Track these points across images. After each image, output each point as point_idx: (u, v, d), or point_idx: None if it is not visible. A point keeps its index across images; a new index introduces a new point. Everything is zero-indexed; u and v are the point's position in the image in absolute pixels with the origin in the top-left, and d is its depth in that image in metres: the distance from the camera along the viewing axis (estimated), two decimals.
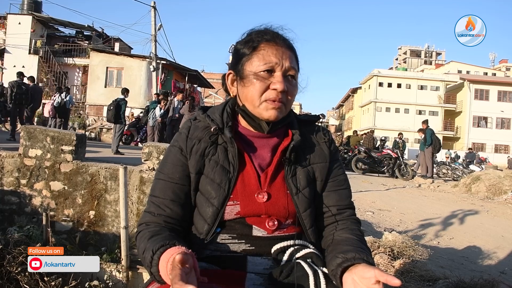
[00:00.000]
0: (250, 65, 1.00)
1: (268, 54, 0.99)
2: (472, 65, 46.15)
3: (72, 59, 21.71)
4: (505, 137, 33.21)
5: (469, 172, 13.21)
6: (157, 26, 17.94)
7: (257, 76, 0.99)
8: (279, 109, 1.00)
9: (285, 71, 1.00)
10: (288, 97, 1.01)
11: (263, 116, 1.01)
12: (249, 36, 1.04)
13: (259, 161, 1.04)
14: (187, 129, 1.07)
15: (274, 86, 0.98)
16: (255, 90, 0.99)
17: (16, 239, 3.05)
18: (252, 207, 0.99)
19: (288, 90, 1.00)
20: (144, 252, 0.92)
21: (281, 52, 1.00)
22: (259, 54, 1.00)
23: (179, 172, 1.03)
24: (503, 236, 4.59)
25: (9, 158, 4.30)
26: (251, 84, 1.00)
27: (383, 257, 2.78)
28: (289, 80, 1.01)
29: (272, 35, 1.02)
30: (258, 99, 0.99)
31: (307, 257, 0.98)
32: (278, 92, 0.98)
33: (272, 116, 1.00)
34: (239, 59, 1.03)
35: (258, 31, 1.04)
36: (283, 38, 1.04)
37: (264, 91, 0.99)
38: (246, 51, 1.02)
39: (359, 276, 0.83)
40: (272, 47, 1.00)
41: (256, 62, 1.00)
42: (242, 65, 1.02)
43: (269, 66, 0.98)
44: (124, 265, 3.16)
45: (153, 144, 4.15)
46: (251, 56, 1.01)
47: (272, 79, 0.99)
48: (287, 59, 1.00)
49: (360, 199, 6.02)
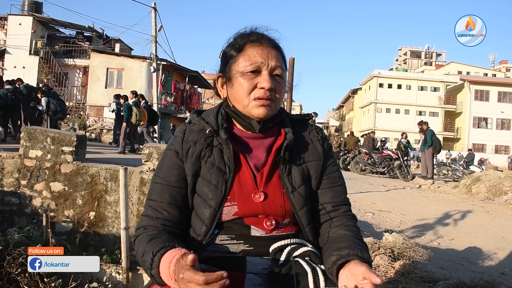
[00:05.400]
0: (237, 66, 1.03)
1: (253, 54, 1.02)
2: (472, 66, 46.15)
3: (73, 60, 21.72)
4: (505, 138, 33.18)
5: (470, 173, 13.20)
6: (157, 27, 17.92)
7: (244, 76, 1.01)
8: (268, 107, 1.02)
9: (271, 70, 1.02)
10: (276, 95, 1.03)
11: (253, 114, 1.02)
12: (235, 39, 1.07)
13: (255, 162, 1.04)
14: (182, 132, 1.08)
15: (261, 84, 1.00)
16: (243, 90, 1.01)
17: (16, 240, 3.04)
18: (250, 207, 0.99)
19: (276, 88, 1.02)
20: (143, 255, 0.93)
21: (266, 52, 1.02)
22: (245, 55, 1.02)
23: (175, 175, 1.04)
24: (504, 237, 4.59)
25: (9, 159, 4.30)
26: (239, 84, 1.02)
27: (384, 258, 2.77)
28: (276, 79, 1.03)
29: (257, 36, 1.05)
30: (246, 98, 1.01)
31: (305, 255, 0.99)
32: (265, 90, 1.00)
33: (262, 113, 1.02)
34: (227, 61, 1.06)
35: (243, 34, 1.07)
36: (268, 38, 1.06)
37: (252, 90, 1.01)
38: (233, 53, 1.04)
39: (350, 273, 0.86)
40: (258, 48, 1.03)
41: (242, 62, 1.02)
42: (229, 67, 1.04)
43: (255, 66, 1.01)
44: (124, 267, 3.15)
45: (153, 145, 4.15)
46: (238, 57, 1.03)
47: (259, 78, 1.01)
48: (272, 58, 1.02)
49: (361, 200, 6.01)
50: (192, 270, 0.76)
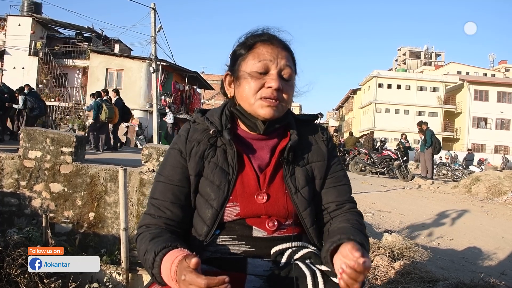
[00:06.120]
0: (245, 64, 1.02)
1: (263, 52, 1.01)
2: (472, 66, 46.22)
3: (72, 61, 21.67)
4: (504, 138, 33.19)
5: (469, 173, 13.20)
6: (157, 27, 17.89)
7: (252, 75, 1.00)
8: (275, 107, 1.00)
9: (280, 70, 1.00)
10: (284, 96, 1.01)
11: (259, 114, 1.01)
12: (246, 38, 1.06)
13: (258, 163, 1.04)
14: (186, 131, 1.08)
15: (269, 84, 0.99)
16: (250, 88, 1.00)
17: (16, 241, 3.03)
18: (252, 208, 0.99)
19: (284, 89, 1.00)
20: (145, 253, 0.92)
21: (276, 51, 1.01)
22: (254, 53, 1.01)
23: (178, 174, 1.04)
24: (503, 237, 4.59)
25: (8, 159, 4.29)
26: (246, 82, 1.01)
27: (383, 259, 2.77)
28: (285, 80, 1.01)
29: (268, 36, 1.04)
30: (253, 97, 1.00)
31: (305, 258, 0.98)
32: (273, 90, 0.99)
33: (268, 114, 1.00)
34: (236, 60, 1.05)
35: (254, 34, 1.06)
36: (279, 39, 1.05)
37: (259, 89, 1.00)
38: (242, 51, 1.03)
39: (342, 256, 0.84)
40: (268, 47, 1.01)
41: (251, 60, 1.01)
42: (238, 65, 1.03)
43: (264, 64, 0.99)
44: (124, 267, 3.14)
45: (153, 145, 4.15)
46: (247, 55, 1.02)
47: (267, 78, 0.99)
48: (282, 58, 1.01)
49: (360, 200, 6.01)
50: (194, 272, 0.76)
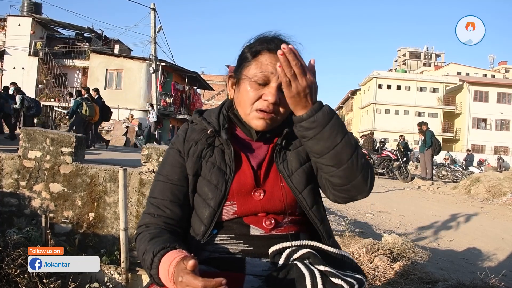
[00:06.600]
0: (248, 71, 1.01)
1: (266, 63, 0.99)
2: (471, 67, 46.24)
3: (72, 61, 21.68)
4: (504, 138, 33.20)
5: (469, 173, 13.19)
6: (156, 28, 17.95)
7: (252, 84, 1.00)
8: (269, 120, 1.01)
9: (280, 84, 0.96)
10: (280, 109, 1.01)
11: (251, 124, 1.02)
12: (255, 41, 1.05)
13: (256, 161, 1.05)
14: (184, 131, 1.09)
15: (266, 97, 0.98)
16: (248, 98, 1.00)
17: (15, 241, 3.03)
18: (249, 206, 1.00)
19: (281, 102, 0.99)
20: (144, 254, 0.93)
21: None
22: (258, 61, 1.00)
23: (177, 173, 1.05)
24: (503, 238, 4.59)
25: (8, 160, 4.29)
26: (245, 91, 1.01)
27: (383, 259, 2.77)
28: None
29: (276, 45, 0.99)
30: (249, 107, 1.00)
31: (304, 258, 0.98)
32: (269, 103, 0.98)
33: (259, 126, 1.01)
34: (241, 63, 1.04)
35: (264, 39, 1.04)
36: None
37: (256, 100, 1.00)
38: (249, 56, 1.03)
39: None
40: (273, 57, 0.99)
41: (254, 69, 1.00)
42: (241, 69, 1.03)
43: (265, 76, 0.98)
44: (124, 267, 3.15)
45: (152, 146, 4.15)
46: (251, 62, 1.01)
47: (266, 90, 0.99)
48: None
49: (360, 201, 5.99)
50: (191, 274, 0.76)
